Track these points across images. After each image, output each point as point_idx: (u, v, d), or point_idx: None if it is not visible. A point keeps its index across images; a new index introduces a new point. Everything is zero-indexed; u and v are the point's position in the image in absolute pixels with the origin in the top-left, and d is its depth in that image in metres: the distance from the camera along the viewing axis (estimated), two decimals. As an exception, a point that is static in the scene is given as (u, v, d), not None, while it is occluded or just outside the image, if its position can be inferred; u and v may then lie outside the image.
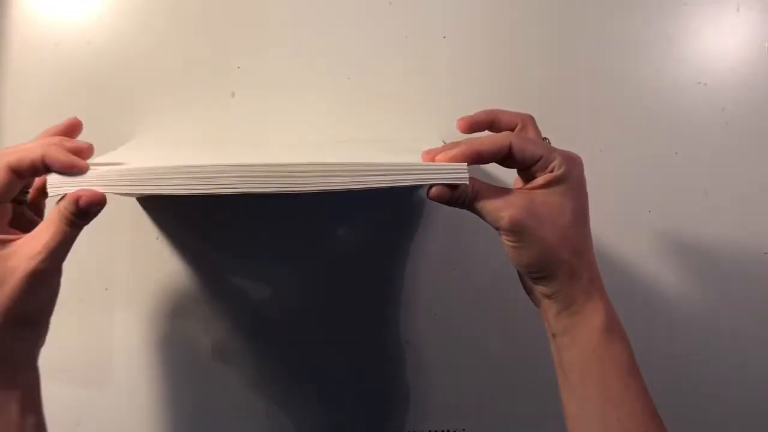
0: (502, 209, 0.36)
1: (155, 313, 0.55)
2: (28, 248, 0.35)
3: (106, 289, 0.54)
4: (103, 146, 0.53)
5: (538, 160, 0.37)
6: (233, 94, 0.53)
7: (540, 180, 0.37)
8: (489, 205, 0.36)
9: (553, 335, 0.39)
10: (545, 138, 0.42)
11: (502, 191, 0.37)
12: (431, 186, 0.37)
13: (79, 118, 0.44)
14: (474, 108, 0.39)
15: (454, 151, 0.36)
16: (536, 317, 0.41)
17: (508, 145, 0.36)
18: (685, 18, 0.54)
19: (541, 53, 0.54)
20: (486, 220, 0.37)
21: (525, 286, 0.41)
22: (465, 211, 0.38)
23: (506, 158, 0.37)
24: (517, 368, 0.57)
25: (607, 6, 0.54)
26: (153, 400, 0.55)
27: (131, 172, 0.36)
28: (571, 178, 0.37)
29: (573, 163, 0.37)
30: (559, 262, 0.37)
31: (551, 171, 0.37)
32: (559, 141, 0.55)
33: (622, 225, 0.55)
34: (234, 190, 0.36)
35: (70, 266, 0.54)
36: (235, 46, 0.53)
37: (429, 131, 0.54)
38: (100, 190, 0.35)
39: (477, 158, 0.36)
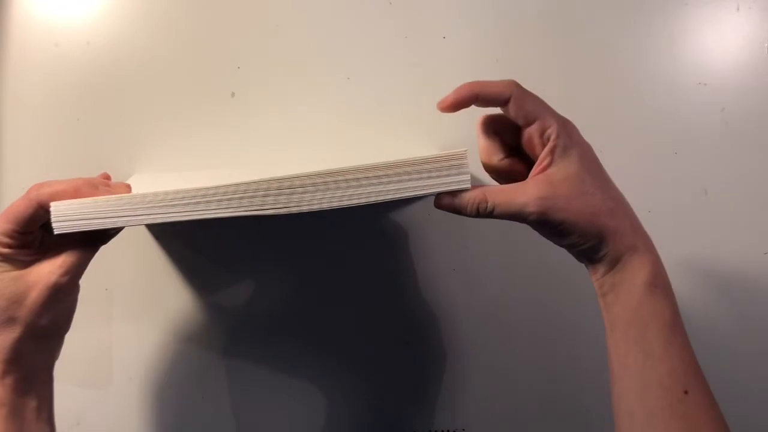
0: (525, 206, 0.36)
1: (155, 313, 0.55)
2: (49, 264, 0.37)
3: (106, 289, 0.54)
4: (103, 146, 0.53)
5: (533, 121, 0.37)
6: (233, 94, 0.53)
7: (545, 158, 0.37)
8: (512, 207, 0.36)
9: (602, 294, 0.38)
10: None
11: (517, 187, 0.37)
12: (438, 195, 0.37)
13: (77, 119, 0.44)
14: (474, 108, 0.39)
15: (453, 94, 0.37)
16: (536, 317, 0.41)
17: (509, 94, 0.37)
18: (685, 18, 0.54)
19: (541, 53, 0.54)
20: (514, 220, 0.37)
21: (577, 257, 0.40)
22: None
23: (504, 106, 0.37)
24: (518, 368, 0.57)
25: (607, 6, 0.54)
26: (153, 400, 0.55)
27: (131, 200, 0.36)
28: (574, 143, 0.37)
29: (569, 126, 0.37)
30: (598, 230, 0.36)
31: (550, 140, 0.37)
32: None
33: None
34: (231, 213, 0.36)
35: (70, 266, 0.54)
36: (235, 46, 0.53)
37: (428, 133, 0.54)
38: (102, 225, 0.36)
39: (474, 98, 0.37)
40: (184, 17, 0.53)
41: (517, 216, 0.36)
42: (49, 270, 0.37)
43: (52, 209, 0.36)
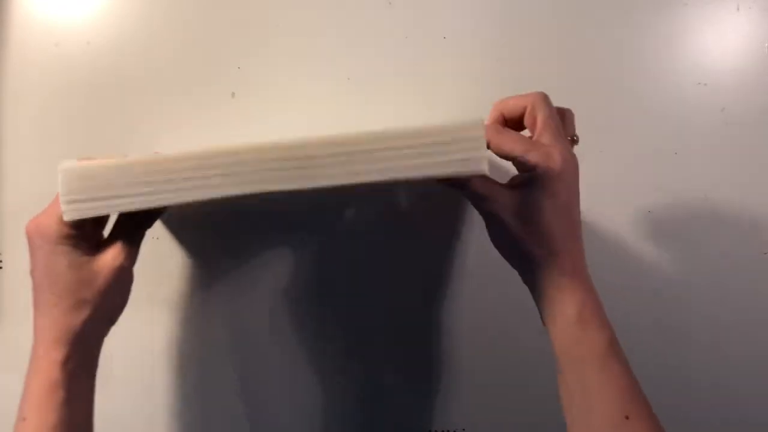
0: (489, 202, 0.38)
1: (155, 312, 0.55)
2: (112, 251, 0.41)
3: (106, 289, 0.54)
4: (103, 146, 0.53)
5: (514, 158, 0.39)
6: (233, 94, 0.53)
7: (518, 179, 0.39)
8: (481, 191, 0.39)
9: (546, 329, 0.40)
10: (564, 110, 0.43)
11: (493, 183, 0.39)
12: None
13: (77, 119, 0.45)
14: (473, 108, 0.39)
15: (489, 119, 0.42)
16: (536, 317, 0.41)
17: (524, 105, 0.40)
18: (685, 18, 0.54)
19: (541, 53, 0.54)
20: (473, 203, 0.40)
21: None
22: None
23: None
24: (518, 368, 0.57)
25: (607, 6, 0.54)
26: (153, 400, 0.55)
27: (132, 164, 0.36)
28: (550, 175, 0.38)
29: (551, 160, 0.38)
30: (525, 256, 0.38)
31: (528, 170, 0.38)
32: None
33: (622, 225, 0.55)
34: (232, 191, 0.36)
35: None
36: (235, 46, 0.53)
37: None
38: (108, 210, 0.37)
39: (500, 118, 0.43)
40: (184, 17, 0.53)
41: (479, 204, 0.39)
42: (112, 256, 0.40)
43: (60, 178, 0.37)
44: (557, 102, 0.43)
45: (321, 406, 0.57)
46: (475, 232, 0.55)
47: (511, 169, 0.42)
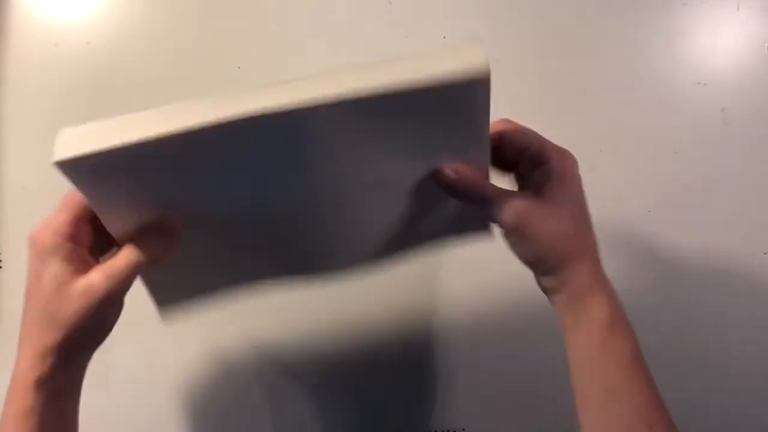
0: (505, 210, 0.36)
1: (155, 313, 0.55)
2: (98, 274, 0.36)
3: (106, 289, 0.54)
4: (103, 146, 0.53)
5: (524, 150, 0.38)
6: (233, 94, 0.53)
7: (538, 181, 0.38)
8: (493, 205, 0.37)
9: (564, 331, 0.38)
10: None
11: (505, 190, 0.38)
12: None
13: (77, 119, 0.44)
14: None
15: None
16: (536, 316, 0.41)
17: (498, 131, 0.38)
18: (685, 18, 0.54)
19: (540, 53, 0.54)
20: (489, 217, 0.38)
21: (539, 284, 0.41)
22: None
23: (496, 145, 0.38)
24: (518, 368, 0.57)
25: (606, 6, 0.54)
26: (153, 400, 0.55)
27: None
28: (567, 177, 0.37)
29: (569, 162, 0.38)
30: (560, 257, 0.37)
31: (545, 170, 0.37)
32: (559, 141, 0.55)
33: (622, 225, 0.55)
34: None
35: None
36: (235, 46, 0.53)
37: None
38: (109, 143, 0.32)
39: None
40: (184, 17, 0.53)
41: (494, 215, 0.37)
42: (98, 279, 0.36)
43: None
44: (558, 102, 0.43)
45: (321, 406, 0.57)
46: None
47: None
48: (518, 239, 0.37)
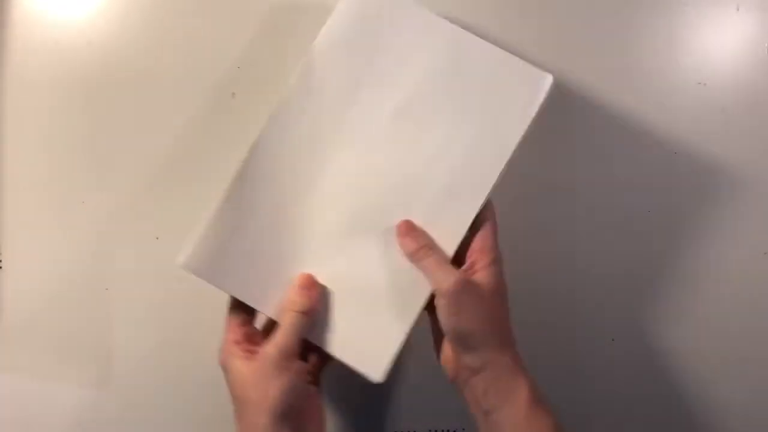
0: (446, 277, 0.40)
1: (155, 313, 0.55)
2: (273, 338, 0.42)
3: (106, 289, 0.54)
4: (103, 146, 0.53)
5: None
6: (233, 95, 0.53)
7: (476, 264, 0.42)
8: (436, 272, 0.41)
9: (485, 413, 0.41)
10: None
11: (446, 261, 0.42)
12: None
13: (77, 119, 0.44)
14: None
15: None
16: (537, 317, 0.41)
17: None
18: (685, 18, 0.54)
19: (540, 54, 0.54)
20: (430, 280, 0.41)
21: (450, 372, 0.44)
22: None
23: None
24: (517, 368, 0.57)
25: (606, 6, 0.54)
26: (153, 400, 0.55)
27: None
28: (499, 268, 0.42)
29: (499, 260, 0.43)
30: (489, 334, 0.40)
31: (482, 259, 0.42)
32: (559, 142, 0.55)
33: (623, 225, 0.55)
34: None
35: (70, 266, 0.54)
36: (235, 46, 0.53)
37: None
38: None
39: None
40: (184, 17, 0.53)
41: (437, 279, 0.41)
42: (269, 348, 0.41)
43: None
44: (558, 102, 0.43)
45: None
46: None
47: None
48: (455, 309, 0.40)
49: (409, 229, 0.43)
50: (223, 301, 0.46)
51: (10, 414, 0.54)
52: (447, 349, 0.43)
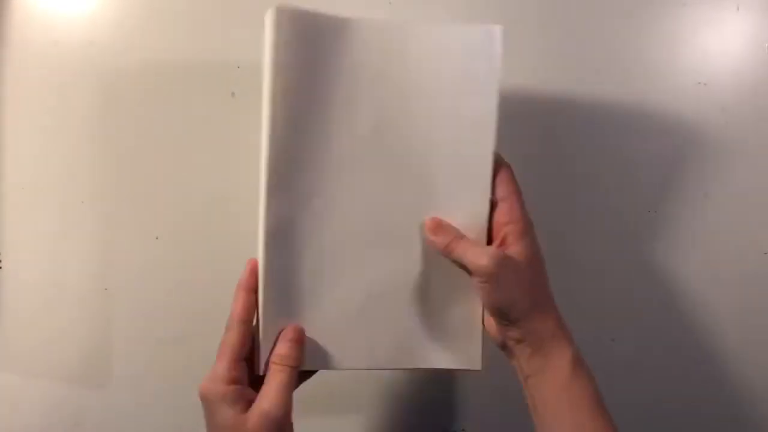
0: (480, 257, 0.39)
1: (155, 313, 0.55)
2: (264, 392, 0.41)
3: (106, 289, 0.54)
4: (103, 146, 0.53)
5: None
6: (233, 94, 0.53)
7: (507, 237, 0.42)
8: (469, 253, 0.40)
9: (527, 378, 0.42)
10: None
11: (478, 242, 0.42)
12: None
13: (80, 117, 0.44)
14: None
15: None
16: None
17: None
18: (685, 18, 0.54)
19: (540, 54, 0.54)
20: (464, 266, 0.41)
21: (496, 339, 0.44)
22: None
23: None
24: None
25: (606, 6, 0.54)
26: (153, 400, 0.55)
27: None
28: (531, 237, 0.42)
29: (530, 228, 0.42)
30: (529, 305, 0.40)
31: (512, 231, 0.42)
32: (559, 142, 0.55)
33: (623, 225, 0.55)
34: None
35: (70, 266, 0.54)
36: (235, 46, 0.53)
37: None
38: None
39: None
40: (184, 17, 0.53)
41: (471, 263, 0.40)
42: (264, 404, 0.40)
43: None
44: (558, 102, 0.43)
45: (320, 406, 0.57)
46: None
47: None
48: (494, 286, 0.40)
49: (436, 226, 0.42)
50: (223, 301, 0.46)
51: (10, 414, 0.54)
52: (490, 320, 0.44)
